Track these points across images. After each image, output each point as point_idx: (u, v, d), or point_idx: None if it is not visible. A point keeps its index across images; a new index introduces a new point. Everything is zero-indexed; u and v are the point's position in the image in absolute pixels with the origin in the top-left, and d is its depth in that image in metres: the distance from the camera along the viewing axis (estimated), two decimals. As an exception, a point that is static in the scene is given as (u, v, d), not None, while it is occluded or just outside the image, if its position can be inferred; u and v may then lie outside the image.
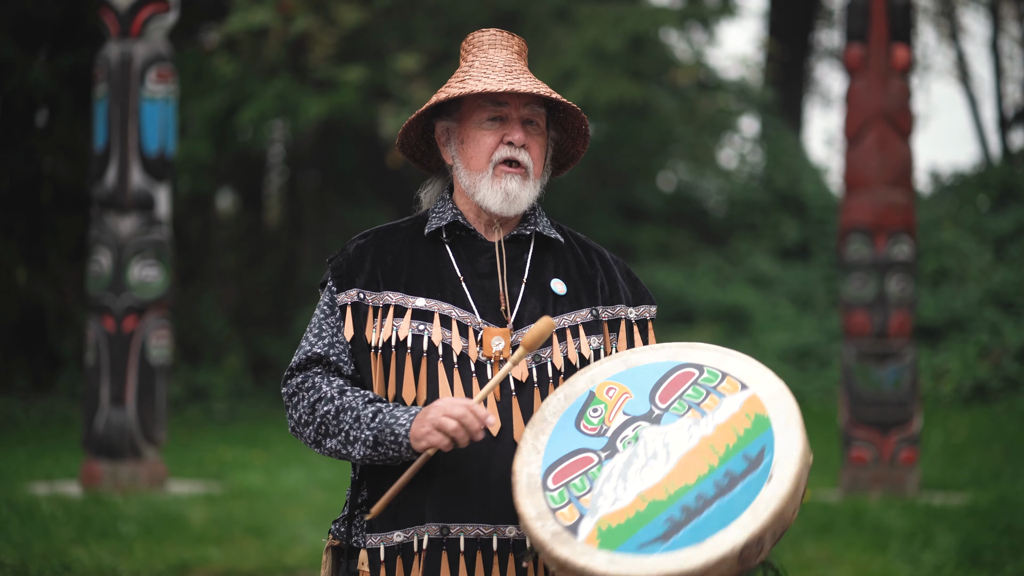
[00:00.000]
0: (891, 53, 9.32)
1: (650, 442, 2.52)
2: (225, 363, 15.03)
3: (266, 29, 13.82)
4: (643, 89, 14.92)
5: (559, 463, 2.54)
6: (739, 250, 17.09)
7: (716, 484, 2.42)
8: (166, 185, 9.24)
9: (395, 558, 2.62)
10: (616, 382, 2.60)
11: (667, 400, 2.56)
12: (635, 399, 2.57)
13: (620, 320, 2.76)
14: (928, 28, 21.67)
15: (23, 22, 13.92)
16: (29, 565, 6.49)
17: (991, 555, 6.89)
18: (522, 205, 2.72)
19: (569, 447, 2.55)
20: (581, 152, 2.84)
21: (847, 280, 9.41)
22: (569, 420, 2.58)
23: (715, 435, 2.48)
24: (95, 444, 9.04)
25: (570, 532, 2.44)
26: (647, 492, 2.46)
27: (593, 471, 2.52)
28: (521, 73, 2.71)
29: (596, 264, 2.80)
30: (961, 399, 13.86)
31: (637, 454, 2.51)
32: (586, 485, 2.50)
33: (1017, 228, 15.54)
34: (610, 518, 2.44)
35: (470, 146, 2.72)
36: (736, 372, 2.57)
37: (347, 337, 2.68)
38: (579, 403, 2.59)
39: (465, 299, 2.69)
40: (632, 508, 2.45)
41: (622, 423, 2.56)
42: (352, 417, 2.60)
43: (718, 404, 2.53)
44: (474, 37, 2.78)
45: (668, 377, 2.60)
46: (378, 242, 2.76)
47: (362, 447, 2.59)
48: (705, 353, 2.64)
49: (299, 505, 8.67)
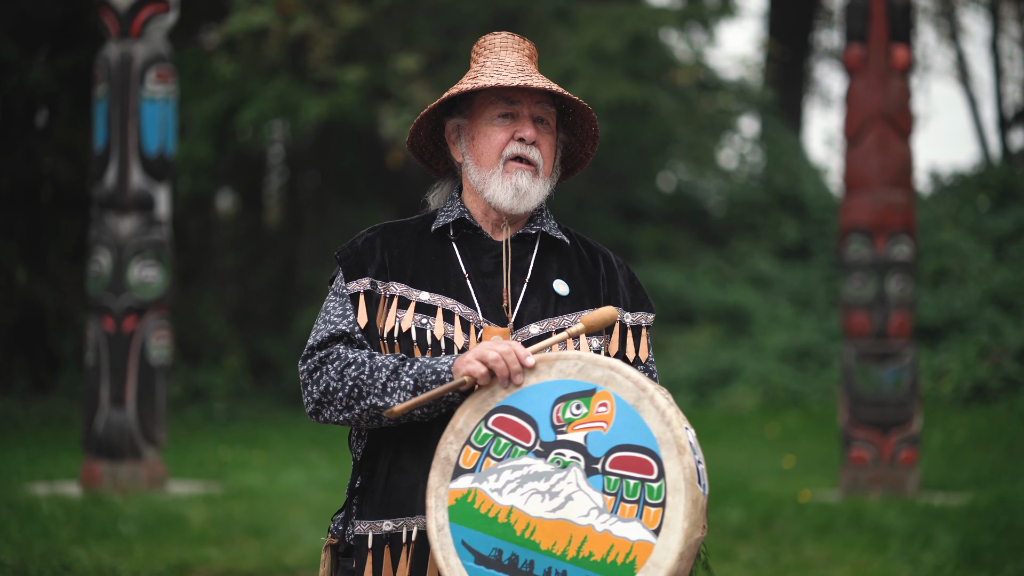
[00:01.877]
0: (891, 53, 9.32)
1: (566, 482, 2.49)
2: (225, 363, 15.03)
3: (266, 29, 13.82)
4: (643, 89, 14.93)
5: (513, 411, 2.54)
6: (739, 250, 17.09)
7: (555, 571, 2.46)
8: (166, 185, 9.24)
9: (383, 547, 2.64)
10: (613, 402, 2.54)
11: (614, 468, 2.49)
12: (604, 436, 2.51)
13: (615, 322, 2.76)
14: (928, 28, 21.68)
15: (23, 22, 13.92)
16: (29, 565, 6.50)
17: (991, 555, 6.89)
18: (532, 202, 2.73)
19: (532, 408, 2.54)
20: (590, 155, 2.86)
21: (847, 280, 9.41)
22: (556, 391, 2.55)
23: (594, 540, 2.45)
24: (95, 444, 9.04)
25: (454, 470, 2.52)
26: (518, 514, 2.48)
27: (519, 450, 2.52)
28: (533, 73, 2.74)
29: (600, 266, 2.81)
30: (961, 399, 13.86)
31: (550, 478, 2.50)
32: (502, 453, 2.52)
33: (1017, 228, 15.55)
34: (480, 497, 2.49)
35: (481, 142, 2.74)
36: (671, 476, 2.48)
37: (361, 324, 2.68)
38: (578, 387, 2.56)
39: (469, 296, 2.70)
40: (498, 510, 2.49)
41: (575, 443, 2.51)
42: (390, 371, 2.59)
43: (629, 518, 2.47)
44: (485, 40, 2.81)
45: (630, 450, 2.51)
46: (386, 235, 2.78)
47: (402, 393, 2.57)
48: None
49: (299, 505, 8.67)
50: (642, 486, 2.46)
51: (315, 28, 13.78)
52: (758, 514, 8.16)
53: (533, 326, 2.69)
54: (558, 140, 2.80)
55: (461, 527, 2.51)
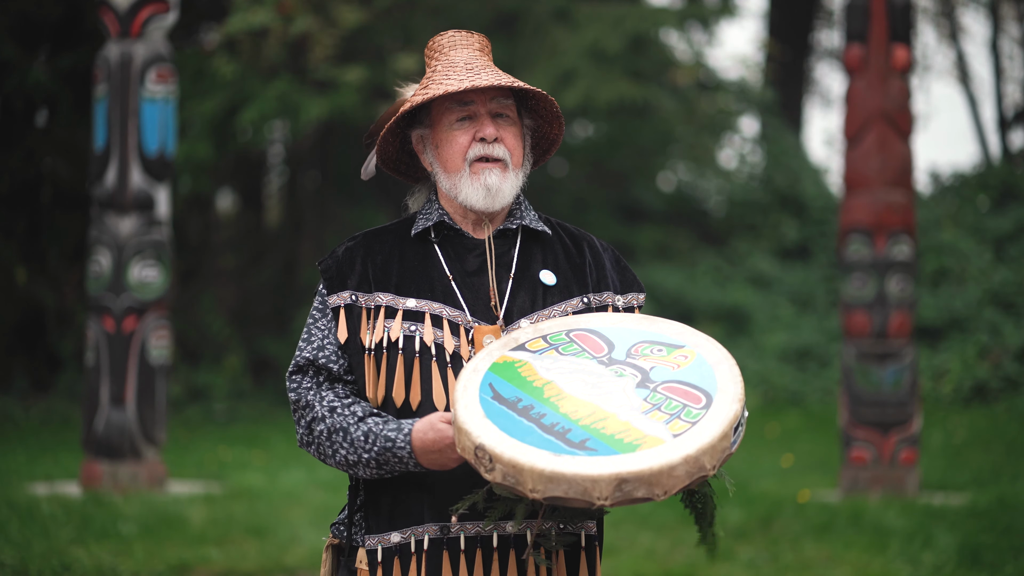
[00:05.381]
0: (891, 53, 9.32)
1: (613, 383, 2.53)
2: (225, 363, 15.03)
3: (266, 29, 13.82)
4: (643, 89, 14.93)
5: (598, 334, 2.61)
6: (739, 250, 17.09)
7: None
8: (166, 185, 9.24)
9: (392, 559, 2.63)
10: (694, 357, 2.58)
11: (665, 391, 2.52)
12: (670, 372, 2.55)
13: (607, 307, 2.76)
14: (928, 28, 21.68)
15: (23, 22, 13.92)
16: (29, 565, 6.50)
17: (991, 555, 6.89)
18: (506, 197, 2.72)
19: (615, 337, 2.61)
20: (559, 135, 2.83)
21: (847, 280, 9.41)
22: (646, 337, 2.61)
23: (613, 421, 2.47)
24: (95, 444, 9.04)
25: (517, 347, 2.58)
26: (554, 386, 2.50)
27: (586, 355, 2.57)
28: (483, 68, 2.71)
29: (585, 252, 2.80)
30: (961, 399, 13.86)
31: (601, 376, 2.54)
32: (569, 352, 2.57)
33: (1017, 228, 15.55)
34: (529, 368, 2.53)
35: (444, 149, 2.73)
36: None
37: (341, 339, 2.68)
38: (668, 340, 2.60)
39: (455, 298, 2.69)
40: (537, 378, 2.51)
41: (640, 367, 2.56)
42: (347, 440, 2.62)
43: (657, 421, 2.49)
44: (434, 42, 2.79)
45: (688, 386, 2.55)
46: (367, 244, 2.77)
47: (365, 468, 2.62)
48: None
49: (299, 505, 8.67)
50: (683, 407, 2.47)
51: (315, 28, 13.78)
52: (758, 514, 8.16)
53: (524, 320, 2.69)
54: (524, 128, 2.78)
55: (496, 376, 2.52)
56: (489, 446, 2.39)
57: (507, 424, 2.43)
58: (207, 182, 15.49)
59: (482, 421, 2.43)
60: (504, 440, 2.39)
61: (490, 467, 2.40)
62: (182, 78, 11.91)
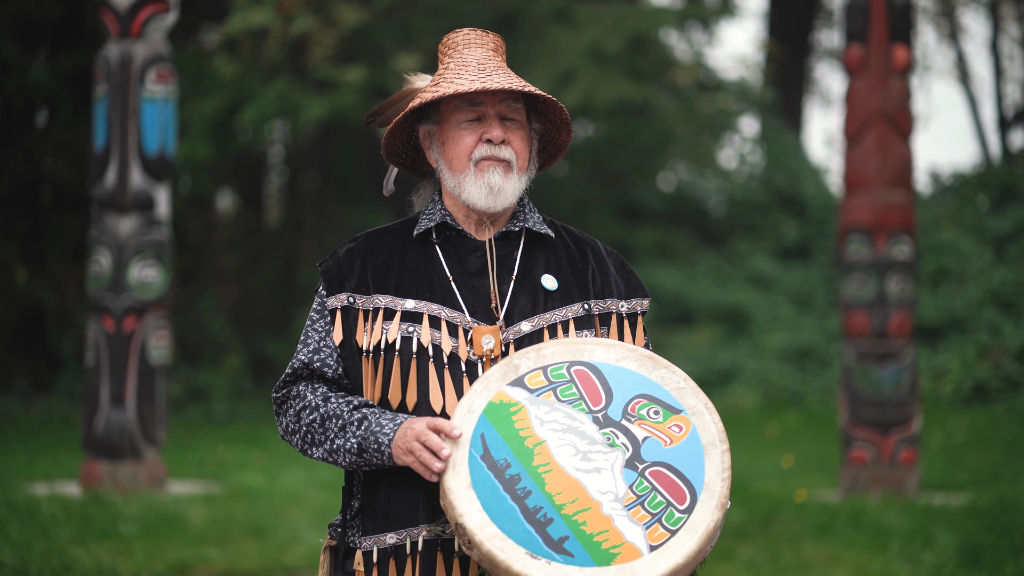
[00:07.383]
0: (891, 53, 9.32)
1: (604, 457, 2.51)
2: (225, 363, 15.04)
3: (266, 30, 13.82)
4: (643, 89, 14.93)
5: (599, 375, 2.59)
6: (739, 250, 17.09)
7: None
8: (166, 185, 9.24)
9: (388, 560, 2.63)
10: (688, 431, 2.55)
11: (653, 477, 2.50)
12: (661, 449, 2.53)
13: (611, 314, 2.75)
14: (928, 28, 21.67)
15: (23, 22, 13.92)
16: (29, 565, 6.50)
17: (991, 555, 6.89)
18: (508, 198, 2.70)
19: (616, 385, 2.59)
20: (567, 141, 2.82)
21: (847, 280, 9.41)
22: (646, 389, 2.59)
23: (596, 516, 2.45)
24: (95, 444, 9.04)
25: (516, 379, 2.56)
26: (545, 449, 2.48)
27: (583, 406, 2.55)
28: (495, 70, 2.71)
29: (589, 257, 2.79)
30: (961, 399, 13.86)
31: (592, 443, 2.51)
32: (566, 398, 2.56)
33: (1017, 228, 15.54)
34: (523, 415, 2.51)
35: (451, 147, 2.72)
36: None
37: (336, 341, 2.68)
38: (667, 399, 2.58)
39: (455, 299, 2.69)
40: (530, 435, 2.49)
41: (633, 435, 2.54)
42: (338, 425, 2.62)
43: (638, 522, 2.47)
44: (449, 38, 2.79)
45: (677, 475, 2.53)
46: (368, 245, 2.76)
47: (347, 455, 2.61)
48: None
49: (299, 505, 8.67)
50: (666, 507, 2.47)
51: (315, 28, 13.78)
52: (758, 514, 8.16)
53: (524, 323, 2.68)
54: (532, 132, 2.78)
55: (490, 423, 2.51)
56: (470, 530, 2.42)
57: (491, 500, 2.44)
58: (207, 182, 15.50)
59: (467, 493, 2.44)
60: (485, 526, 2.42)
61: (468, 547, 2.44)
62: (182, 78, 11.91)
